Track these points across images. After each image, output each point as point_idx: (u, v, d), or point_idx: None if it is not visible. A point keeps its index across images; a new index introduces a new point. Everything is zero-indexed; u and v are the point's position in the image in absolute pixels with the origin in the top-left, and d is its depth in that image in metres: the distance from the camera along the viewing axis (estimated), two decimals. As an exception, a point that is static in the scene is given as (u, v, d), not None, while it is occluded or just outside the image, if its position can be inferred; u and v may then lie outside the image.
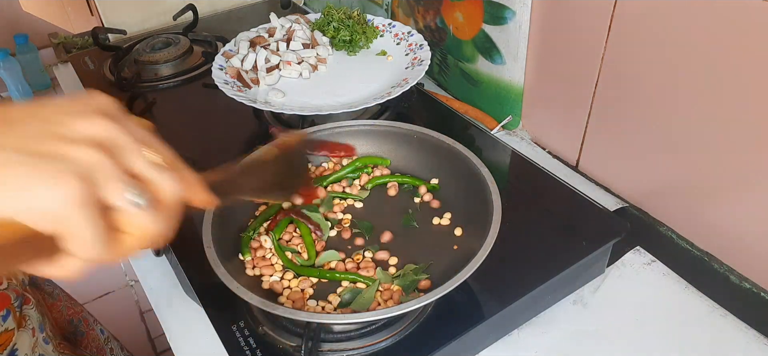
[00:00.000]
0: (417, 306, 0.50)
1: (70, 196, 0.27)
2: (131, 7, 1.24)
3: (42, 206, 0.27)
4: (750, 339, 0.59)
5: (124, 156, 0.30)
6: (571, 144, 0.80)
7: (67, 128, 0.29)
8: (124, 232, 0.31)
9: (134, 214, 0.30)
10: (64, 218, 0.28)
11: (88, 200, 0.28)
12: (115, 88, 1.01)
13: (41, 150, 0.28)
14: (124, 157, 0.30)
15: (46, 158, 0.28)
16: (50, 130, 0.29)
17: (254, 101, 0.84)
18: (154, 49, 1.08)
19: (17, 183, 0.27)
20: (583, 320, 0.62)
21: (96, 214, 0.29)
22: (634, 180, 0.73)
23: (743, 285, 0.64)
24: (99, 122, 0.30)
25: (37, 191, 0.27)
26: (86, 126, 0.29)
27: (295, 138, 0.53)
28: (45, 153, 0.28)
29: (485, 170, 0.62)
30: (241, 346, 0.55)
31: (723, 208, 0.63)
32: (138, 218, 0.30)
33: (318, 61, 0.94)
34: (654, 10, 0.62)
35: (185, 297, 0.65)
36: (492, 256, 0.52)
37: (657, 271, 0.66)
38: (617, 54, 0.68)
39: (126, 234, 0.31)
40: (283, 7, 1.28)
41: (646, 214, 0.73)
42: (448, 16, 0.92)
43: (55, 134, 0.28)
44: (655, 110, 0.66)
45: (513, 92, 0.85)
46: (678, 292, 0.64)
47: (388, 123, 0.73)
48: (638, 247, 0.68)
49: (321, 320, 0.54)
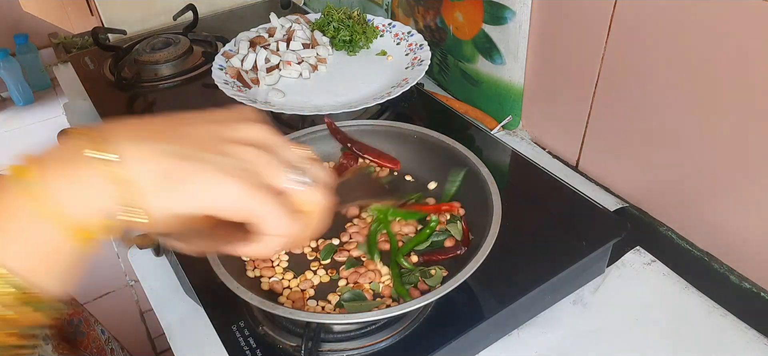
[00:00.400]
0: (417, 306, 0.50)
1: (243, 188, 0.32)
2: (131, 7, 1.25)
3: (226, 199, 0.32)
4: (750, 339, 0.59)
5: (280, 151, 0.35)
6: (571, 144, 0.80)
7: (233, 130, 0.34)
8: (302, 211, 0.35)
9: (302, 192, 0.35)
10: (246, 206, 0.32)
11: (260, 187, 0.33)
12: (115, 88, 1.01)
13: (212, 149, 0.33)
14: (279, 152, 0.35)
15: (217, 156, 0.32)
16: (218, 133, 0.34)
17: (254, 101, 0.84)
18: (154, 49, 1.08)
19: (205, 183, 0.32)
20: (583, 320, 0.62)
21: (272, 196, 0.33)
22: (634, 180, 0.73)
23: (743, 285, 0.64)
24: (255, 126, 0.35)
25: (220, 188, 0.32)
26: (247, 129, 0.35)
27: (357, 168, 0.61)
28: (216, 151, 0.33)
29: (485, 170, 0.62)
30: (241, 346, 0.55)
31: (723, 208, 0.63)
32: (307, 195, 0.35)
33: (318, 61, 0.94)
34: (654, 10, 0.62)
35: (185, 297, 0.65)
36: (492, 256, 0.52)
37: (657, 271, 0.66)
38: (617, 54, 0.68)
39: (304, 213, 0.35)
40: (283, 7, 1.28)
41: (646, 214, 0.73)
42: (448, 16, 0.92)
43: (222, 137, 0.34)
44: (655, 110, 0.66)
45: (513, 92, 0.85)
46: (678, 292, 0.64)
47: (388, 123, 0.73)
48: (638, 247, 0.68)
49: (321, 320, 0.54)
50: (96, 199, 0.31)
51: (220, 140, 0.34)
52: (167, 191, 0.31)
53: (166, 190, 0.31)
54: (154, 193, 0.31)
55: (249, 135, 0.35)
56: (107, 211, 0.31)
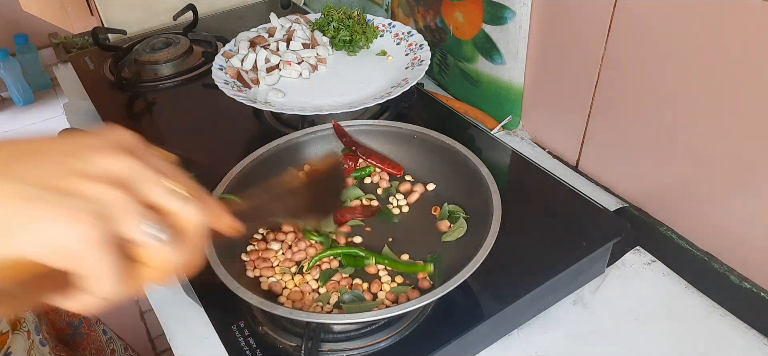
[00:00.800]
0: (417, 306, 0.50)
1: (85, 235, 0.27)
2: (131, 7, 1.24)
3: (57, 245, 0.27)
4: (750, 339, 0.59)
5: (143, 188, 0.30)
6: (571, 144, 0.80)
7: (87, 163, 0.29)
8: (145, 264, 0.31)
9: (154, 247, 0.30)
10: (80, 258, 0.28)
11: (104, 239, 0.28)
12: (115, 88, 1.01)
13: (59, 186, 0.28)
14: (143, 189, 0.30)
15: (64, 195, 0.27)
16: (69, 165, 0.29)
17: (254, 101, 0.84)
18: (154, 49, 1.08)
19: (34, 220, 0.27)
20: (583, 320, 0.62)
21: (112, 253, 0.28)
22: (634, 180, 0.73)
23: (743, 285, 0.64)
24: (118, 156, 0.30)
25: (53, 230, 0.27)
26: (105, 162, 0.29)
27: (326, 163, 0.52)
28: (63, 190, 0.28)
29: (485, 170, 0.62)
30: (241, 346, 0.55)
31: (723, 208, 0.63)
32: (158, 251, 0.30)
33: (318, 61, 0.94)
34: (654, 11, 0.62)
35: (185, 297, 0.65)
36: (492, 256, 0.52)
37: (657, 271, 0.66)
38: (617, 54, 0.68)
39: (146, 267, 0.31)
40: (283, 7, 1.28)
41: (646, 214, 0.73)
42: (448, 16, 0.92)
43: (73, 171, 0.28)
44: (655, 110, 0.66)
45: (513, 92, 0.85)
46: (678, 292, 0.64)
47: (388, 123, 0.73)
48: (638, 247, 0.68)
49: (321, 320, 0.54)
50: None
51: (71, 173, 0.28)
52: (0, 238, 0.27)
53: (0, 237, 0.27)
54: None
55: (110, 168, 0.29)
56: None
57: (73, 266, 0.28)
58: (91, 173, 0.29)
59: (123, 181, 0.29)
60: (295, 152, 0.71)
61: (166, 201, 0.31)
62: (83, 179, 0.28)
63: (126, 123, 0.94)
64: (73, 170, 0.28)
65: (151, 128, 0.94)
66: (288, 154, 0.70)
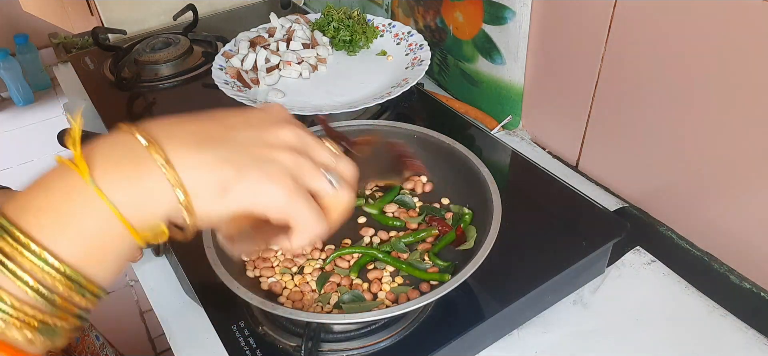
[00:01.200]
0: (417, 306, 0.50)
1: (287, 190, 0.35)
2: (131, 7, 1.24)
3: (271, 202, 0.34)
4: (750, 339, 0.59)
5: (314, 152, 0.38)
6: (571, 144, 0.80)
7: (271, 135, 0.36)
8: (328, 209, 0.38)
9: (333, 194, 0.37)
10: (287, 208, 0.35)
11: (301, 191, 0.35)
12: (115, 88, 1.01)
13: (258, 154, 0.35)
14: (314, 153, 0.37)
15: (264, 161, 0.34)
16: (258, 137, 0.36)
17: (254, 101, 0.84)
18: (154, 49, 1.08)
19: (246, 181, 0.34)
20: (583, 320, 0.62)
21: (308, 199, 0.36)
22: (634, 180, 0.73)
23: (743, 285, 0.64)
24: (288, 128, 0.37)
25: (262, 189, 0.34)
26: (283, 133, 0.37)
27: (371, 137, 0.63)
28: (261, 157, 0.35)
29: (485, 170, 0.62)
30: (241, 346, 0.55)
31: (723, 208, 0.63)
32: (336, 196, 0.37)
33: (318, 61, 0.94)
34: (654, 11, 0.62)
35: (185, 297, 0.65)
36: (492, 256, 0.52)
37: (657, 271, 0.66)
38: (617, 54, 0.68)
39: (330, 211, 0.38)
40: (283, 7, 1.28)
41: (646, 214, 0.73)
42: (448, 16, 0.92)
43: (263, 141, 0.35)
44: (655, 110, 0.66)
45: (513, 92, 0.85)
46: (678, 292, 0.64)
47: (388, 123, 0.73)
48: (638, 247, 0.68)
49: (321, 320, 0.54)
50: (156, 204, 0.32)
51: (262, 144, 0.35)
52: (222, 197, 0.33)
53: (221, 196, 0.33)
54: (211, 199, 0.33)
55: (286, 138, 0.37)
56: (165, 215, 0.33)
57: (284, 215, 0.35)
58: (276, 142, 0.36)
59: (298, 147, 0.37)
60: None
61: (330, 160, 0.38)
62: (272, 148, 0.35)
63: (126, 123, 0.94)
64: (262, 140, 0.35)
65: (151, 128, 0.93)
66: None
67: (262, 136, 0.36)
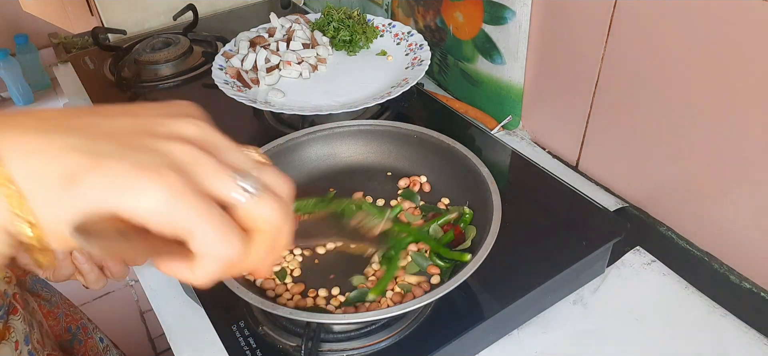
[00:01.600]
0: (417, 306, 0.50)
1: (171, 188, 0.24)
2: (131, 7, 1.24)
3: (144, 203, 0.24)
4: (750, 339, 0.59)
5: (224, 153, 0.28)
6: (571, 144, 0.80)
7: (162, 126, 0.27)
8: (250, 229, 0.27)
9: (254, 205, 0.26)
10: (172, 213, 0.25)
11: (192, 190, 0.25)
12: (115, 88, 1.01)
13: (137, 144, 0.25)
14: (223, 153, 0.28)
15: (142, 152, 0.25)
16: (140, 125, 0.26)
17: (254, 101, 0.84)
18: (154, 49, 1.08)
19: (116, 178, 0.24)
20: (583, 320, 0.62)
21: (211, 206, 0.25)
22: (634, 180, 0.73)
23: (743, 285, 0.64)
24: (194, 121, 0.28)
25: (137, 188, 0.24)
26: (181, 125, 0.27)
27: None
28: (140, 147, 0.25)
29: (485, 170, 0.62)
30: (241, 346, 0.55)
31: (723, 208, 0.63)
32: (258, 209, 0.27)
33: (318, 61, 0.94)
34: (654, 11, 0.62)
35: (185, 297, 0.65)
36: (492, 256, 0.52)
37: (657, 271, 0.66)
38: (617, 54, 0.68)
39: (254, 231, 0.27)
40: (283, 7, 1.28)
41: (646, 214, 0.73)
42: (448, 16, 0.92)
43: (150, 131, 0.26)
44: (655, 110, 0.66)
45: (513, 92, 0.85)
46: (678, 292, 0.64)
47: (388, 123, 0.73)
48: (638, 247, 0.68)
49: (321, 320, 0.53)
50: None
51: (144, 133, 0.26)
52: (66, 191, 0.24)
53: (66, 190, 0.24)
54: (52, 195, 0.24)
55: (185, 131, 0.27)
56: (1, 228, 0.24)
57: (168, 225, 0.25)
58: (165, 132, 0.26)
59: (200, 142, 0.27)
60: (295, 152, 0.71)
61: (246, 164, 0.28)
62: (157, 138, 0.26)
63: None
64: (144, 129, 0.26)
65: (151, 128, 0.94)
66: (288, 154, 0.70)
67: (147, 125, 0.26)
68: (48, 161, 0.24)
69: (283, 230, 0.28)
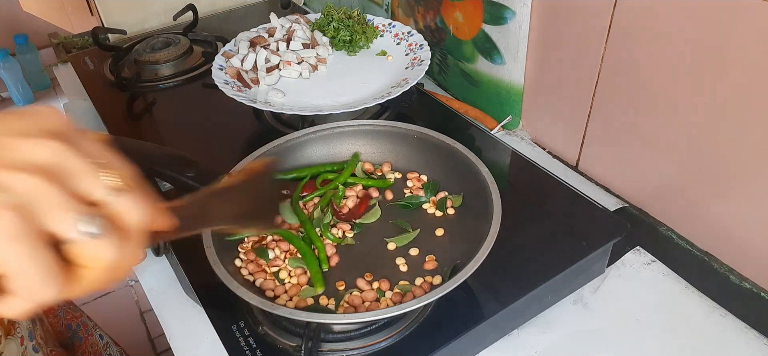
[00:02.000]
0: (417, 306, 0.50)
1: (3, 230, 0.24)
2: (131, 7, 1.25)
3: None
4: (750, 339, 0.59)
5: (75, 180, 0.26)
6: (571, 144, 0.80)
7: (8, 151, 0.25)
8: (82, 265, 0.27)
9: (90, 244, 0.26)
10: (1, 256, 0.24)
11: (28, 234, 0.24)
12: (115, 88, 1.01)
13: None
14: (74, 181, 0.26)
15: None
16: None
17: (254, 101, 0.84)
18: (154, 49, 1.08)
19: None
20: (583, 320, 0.62)
21: (40, 249, 0.25)
22: (634, 180, 0.73)
23: (743, 285, 0.64)
24: (46, 143, 0.26)
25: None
26: (30, 149, 0.26)
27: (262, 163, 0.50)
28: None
29: (485, 170, 0.62)
30: (241, 346, 0.55)
31: (723, 208, 0.63)
32: (96, 249, 0.26)
33: (318, 61, 0.94)
34: (654, 11, 0.62)
35: (185, 297, 0.65)
36: (492, 256, 0.52)
37: (657, 271, 0.66)
38: (617, 54, 0.68)
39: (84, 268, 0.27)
40: (283, 7, 1.28)
41: (646, 214, 0.73)
42: (448, 16, 0.92)
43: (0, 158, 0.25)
44: (655, 110, 0.66)
45: (513, 92, 0.85)
46: (678, 292, 0.64)
47: (388, 123, 0.73)
48: (638, 247, 0.68)
49: (321, 320, 0.53)
50: None
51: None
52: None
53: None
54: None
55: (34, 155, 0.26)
56: None
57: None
58: (12, 161, 0.25)
59: (48, 169, 0.26)
60: (295, 152, 0.71)
61: (100, 192, 0.27)
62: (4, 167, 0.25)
63: (126, 123, 0.94)
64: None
65: (151, 128, 0.94)
66: (288, 154, 0.70)
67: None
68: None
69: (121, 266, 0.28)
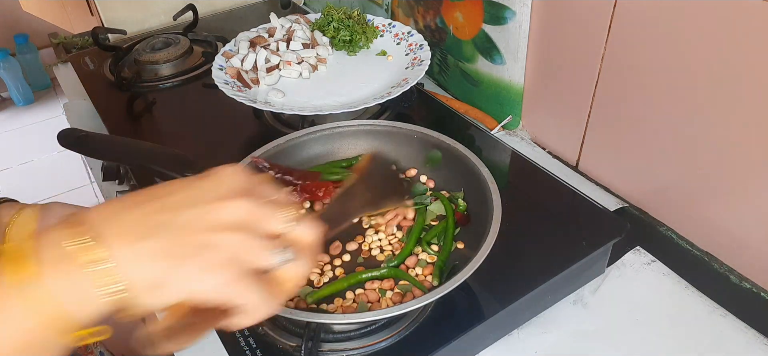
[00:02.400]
0: (417, 306, 0.50)
1: (228, 277, 0.34)
2: (131, 7, 1.24)
3: (211, 290, 0.34)
4: (750, 339, 0.59)
5: (263, 225, 0.36)
6: (571, 144, 0.80)
7: (212, 215, 0.34)
8: (283, 282, 0.37)
9: (287, 267, 0.36)
10: (228, 295, 0.34)
11: (243, 276, 0.34)
12: (115, 88, 1.01)
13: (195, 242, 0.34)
14: (263, 225, 0.36)
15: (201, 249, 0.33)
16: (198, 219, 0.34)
17: (254, 101, 0.84)
18: (154, 49, 1.08)
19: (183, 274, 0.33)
20: (583, 320, 0.62)
21: (253, 282, 0.35)
22: (634, 180, 0.73)
23: (743, 285, 0.64)
24: (235, 202, 0.35)
25: (200, 280, 0.33)
26: (227, 211, 0.35)
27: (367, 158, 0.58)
28: (199, 244, 0.34)
29: (485, 170, 0.62)
30: (241, 346, 0.55)
31: (723, 208, 0.63)
32: (291, 269, 0.37)
33: (318, 61, 0.94)
34: (654, 11, 0.62)
35: (185, 297, 0.65)
36: (492, 256, 0.52)
37: (657, 271, 0.66)
38: (617, 54, 0.68)
39: (284, 282, 0.37)
40: (283, 7, 1.28)
41: (646, 214, 0.73)
42: (448, 16, 0.92)
43: (204, 225, 0.34)
44: (655, 110, 0.66)
45: (513, 92, 0.85)
46: (678, 292, 0.64)
47: (388, 123, 0.73)
48: (638, 247, 0.68)
49: (321, 320, 0.53)
50: (93, 302, 0.32)
51: (204, 227, 0.34)
52: (157, 290, 0.33)
53: (156, 290, 0.33)
54: (147, 293, 0.33)
55: (232, 216, 0.35)
56: (102, 311, 0.32)
57: (226, 301, 0.34)
58: (218, 223, 0.34)
59: (244, 225, 0.35)
60: (295, 152, 0.71)
61: (284, 228, 0.37)
62: (214, 231, 0.34)
63: (126, 123, 0.94)
64: (204, 223, 0.34)
65: (151, 128, 0.94)
66: (288, 154, 0.70)
67: (205, 216, 0.34)
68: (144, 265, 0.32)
69: (308, 273, 0.38)
